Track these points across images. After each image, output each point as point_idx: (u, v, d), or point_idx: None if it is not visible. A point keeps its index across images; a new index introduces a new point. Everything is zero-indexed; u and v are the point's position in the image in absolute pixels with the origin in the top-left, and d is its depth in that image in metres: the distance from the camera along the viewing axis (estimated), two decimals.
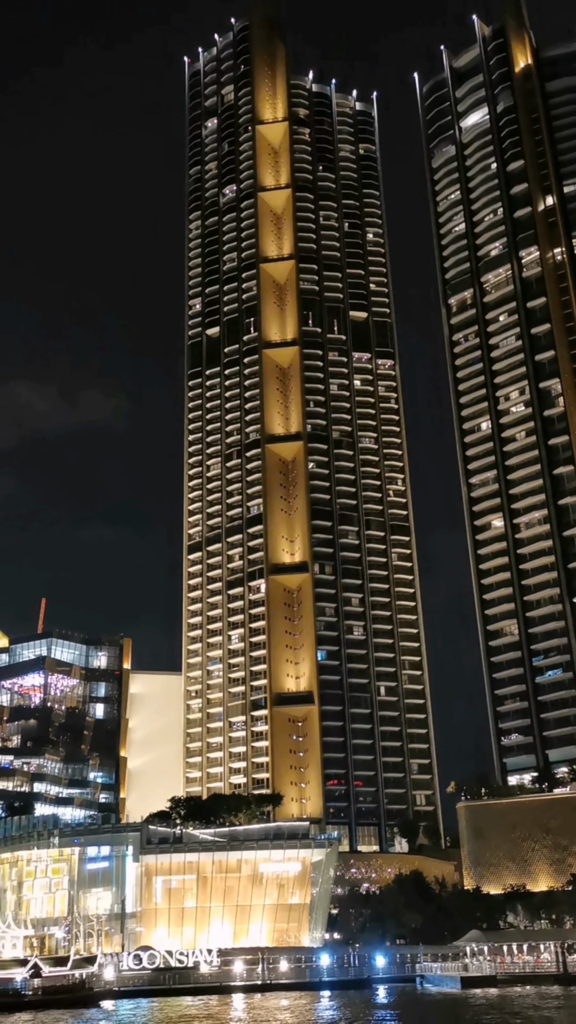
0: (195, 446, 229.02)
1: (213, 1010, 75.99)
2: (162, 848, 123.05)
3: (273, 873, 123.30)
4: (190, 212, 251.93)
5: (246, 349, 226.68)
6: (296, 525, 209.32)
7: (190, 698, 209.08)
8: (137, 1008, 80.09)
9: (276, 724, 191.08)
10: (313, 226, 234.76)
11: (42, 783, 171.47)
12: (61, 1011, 75.63)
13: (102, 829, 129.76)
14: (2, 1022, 71.09)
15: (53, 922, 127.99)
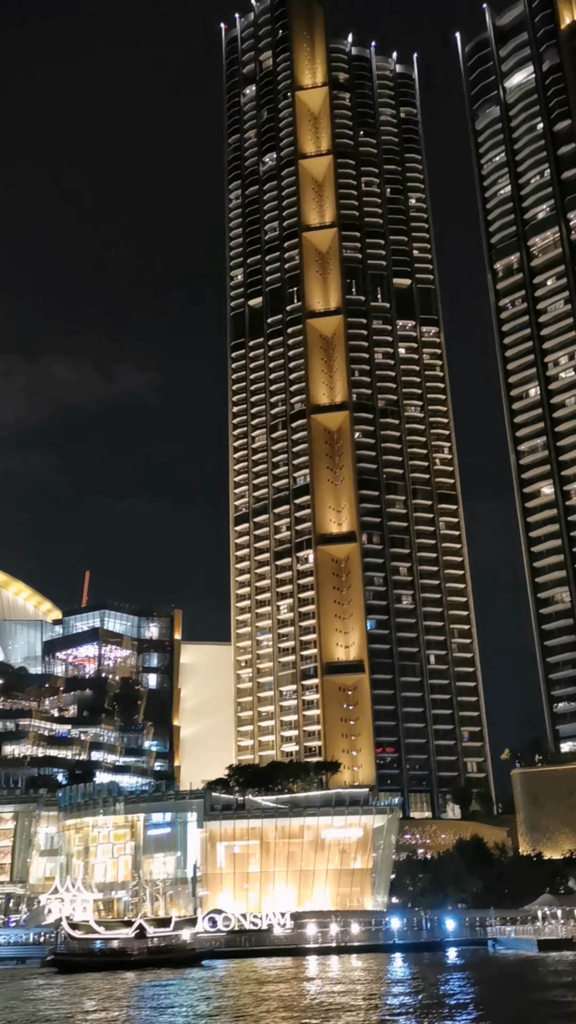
0: (240, 418, 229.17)
1: (303, 970, 77.70)
2: (225, 815, 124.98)
3: (335, 839, 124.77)
4: (230, 181, 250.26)
5: (289, 319, 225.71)
6: (343, 495, 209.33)
7: (240, 668, 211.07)
8: (238, 967, 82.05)
9: (327, 693, 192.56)
10: (355, 193, 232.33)
11: (99, 752, 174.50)
12: (167, 970, 77.79)
13: (166, 796, 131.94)
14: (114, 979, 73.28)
15: (118, 886, 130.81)
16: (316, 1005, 53.18)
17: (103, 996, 61.20)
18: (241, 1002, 55.62)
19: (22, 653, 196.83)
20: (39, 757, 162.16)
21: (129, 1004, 56.95)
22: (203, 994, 61.02)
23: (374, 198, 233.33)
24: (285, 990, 62.23)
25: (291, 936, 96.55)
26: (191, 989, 64.59)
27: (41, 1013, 54.33)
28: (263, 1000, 56.06)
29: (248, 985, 65.78)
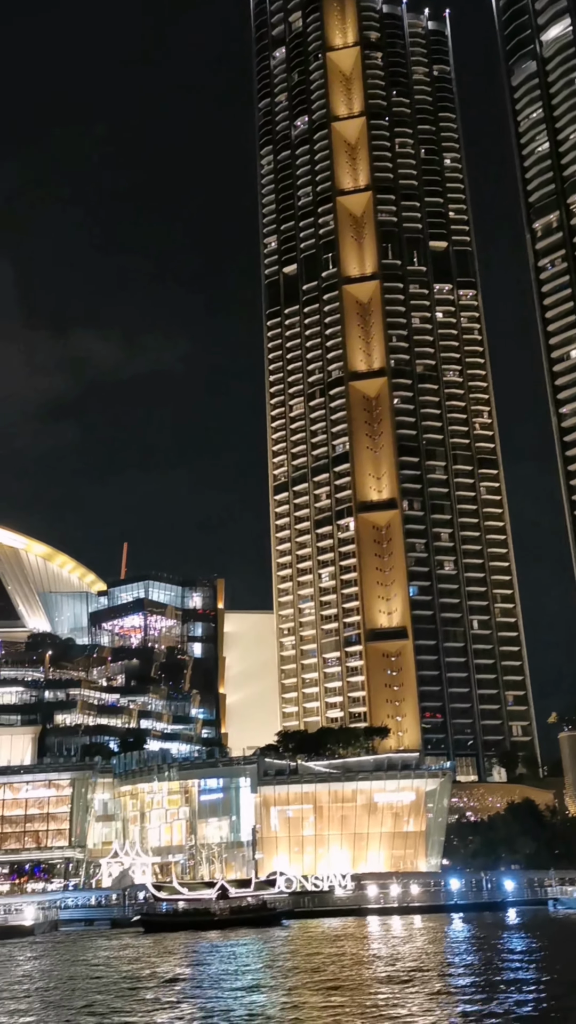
0: (276, 387, 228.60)
1: (374, 929, 79.18)
2: (279, 780, 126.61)
3: (387, 802, 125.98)
4: (261, 147, 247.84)
5: (325, 285, 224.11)
6: (382, 462, 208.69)
7: (283, 636, 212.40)
8: (313, 925, 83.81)
9: (371, 659, 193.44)
10: (389, 155, 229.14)
11: (148, 720, 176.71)
12: (249, 929, 79.71)
13: (220, 762, 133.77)
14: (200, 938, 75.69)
15: (173, 850, 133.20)
16: (400, 960, 54.27)
17: (223, 953, 63.00)
18: (343, 958, 57.11)
19: (68, 624, 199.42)
20: (91, 726, 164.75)
21: (243, 960, 58.54)
22: (305, 950, 62.62)
23: (408, 159, 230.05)
24: (368, 947, 63.72)
25: (352, 897, 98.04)
26: (289, 945, 66.36)
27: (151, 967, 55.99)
28: (358, 957, 57.46)
29: (337, 943, 67.36)
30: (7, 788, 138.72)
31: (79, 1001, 43.34)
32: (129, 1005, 41.83)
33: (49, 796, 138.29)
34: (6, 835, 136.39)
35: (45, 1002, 43.88)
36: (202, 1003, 41.20)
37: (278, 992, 43.61)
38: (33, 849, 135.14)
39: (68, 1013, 40.15)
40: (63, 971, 56.45)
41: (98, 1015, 39.21)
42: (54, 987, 49.13)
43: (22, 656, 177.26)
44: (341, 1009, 38.26)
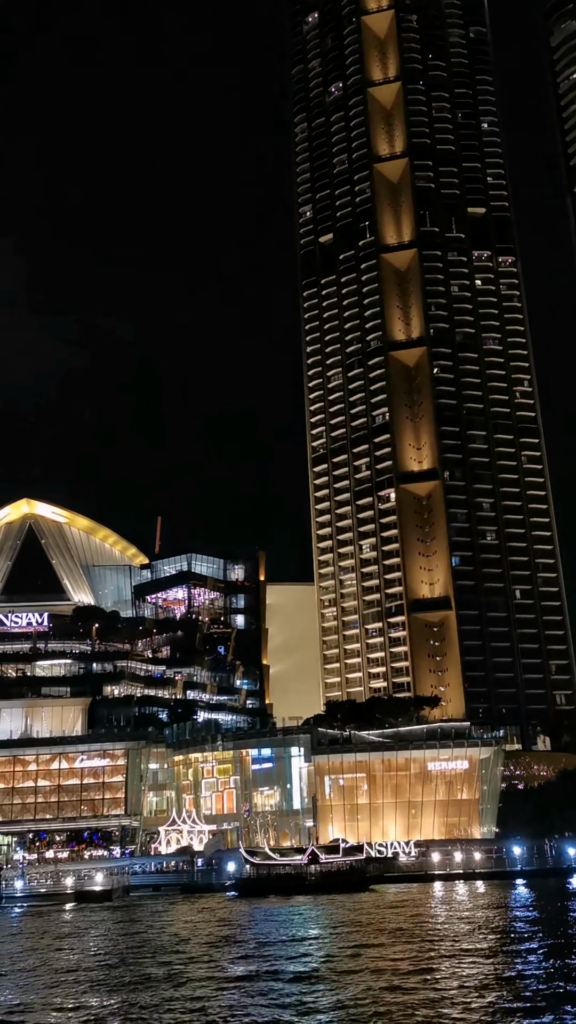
0: (314, 358, 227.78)
1: (451, 895, 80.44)
2: (333, 749, 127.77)
3: (440, 771, 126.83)
4: (295, 114, 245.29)
5: (362, 254, 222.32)
6: (423, 432, 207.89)
7: (324, 607, 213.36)
8: (403, 891, 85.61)
9: (413, 630, 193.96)
10: (426, 119, 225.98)
11: (193, 691, 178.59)
12: (339, 895, 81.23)
13: (274, 732, 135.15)
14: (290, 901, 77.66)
15: (227, 818, 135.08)
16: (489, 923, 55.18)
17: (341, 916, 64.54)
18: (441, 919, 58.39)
19: (112, 598, 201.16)
20: (140, 697, 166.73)
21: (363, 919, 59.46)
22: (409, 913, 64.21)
23: (445, 124, 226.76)
24: (445, 910, 64.80)
25: (417, 863, 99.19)
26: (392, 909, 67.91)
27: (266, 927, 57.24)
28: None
29: (422, 907, 68.84)
30: (63, 758, 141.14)
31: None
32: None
33: (104, 766, 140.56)
34: (63, 804, 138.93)
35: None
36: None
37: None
38: (90, 817, 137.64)
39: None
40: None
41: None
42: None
43: (69, 629, 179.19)
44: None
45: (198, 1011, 33.21)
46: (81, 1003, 36.11)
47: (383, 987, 36.10)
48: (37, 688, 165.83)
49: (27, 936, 62.68)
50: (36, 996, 38.30)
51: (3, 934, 64.31)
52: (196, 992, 36.91)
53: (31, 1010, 35.34)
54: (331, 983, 37.56)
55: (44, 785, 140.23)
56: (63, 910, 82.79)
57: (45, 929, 66.40)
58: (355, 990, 35.70)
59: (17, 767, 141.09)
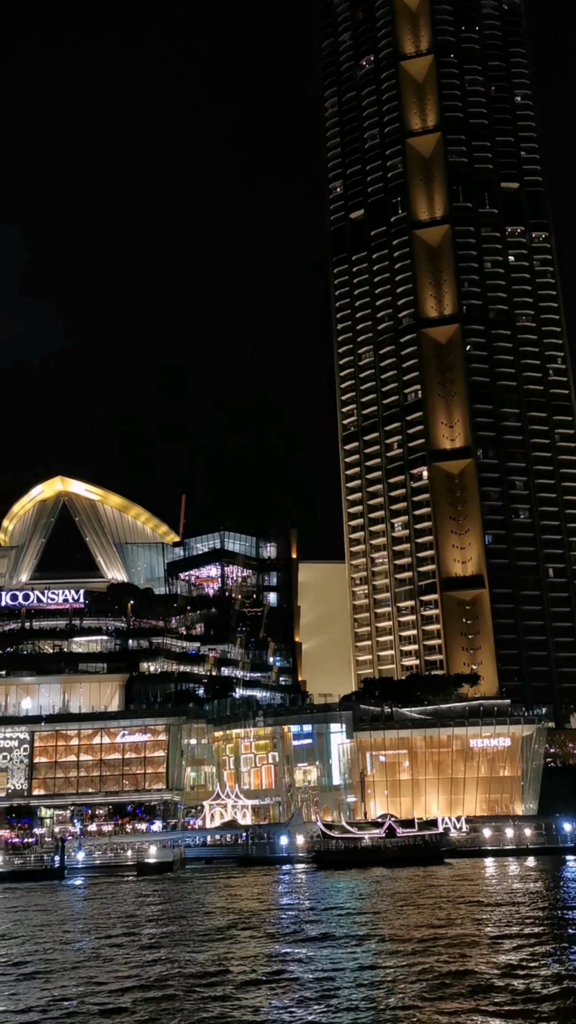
0: (345, 335, 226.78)
1: (514, 869, 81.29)
2: (374, 725, 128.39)
3: (482, 748, 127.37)
4: (325, 88, 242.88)
5: (394, 231, 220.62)
6: (455, 410, 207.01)
7: (355, 585, 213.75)
8: (472, 865, 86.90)
9: (446, 608, 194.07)
10: (458, 93, 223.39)
11: (228, 668, 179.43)
12: (414, 867, 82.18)
13: (314, 708, 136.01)
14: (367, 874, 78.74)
15: (263, 794, 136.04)
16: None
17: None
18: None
19: (144, 575, 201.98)
20: (176, 673, 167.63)
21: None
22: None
23: (478, 98, 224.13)
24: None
25: (468, 839, 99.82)
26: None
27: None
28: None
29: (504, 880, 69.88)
30: (104, 733, 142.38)
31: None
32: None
33: (145, 740, 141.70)
34: (105, 778, 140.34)
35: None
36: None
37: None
38: (132, 791, 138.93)
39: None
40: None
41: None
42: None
43: (104, 606, 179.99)
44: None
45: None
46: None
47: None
48: (74, 664, 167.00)
49: (134, 903, 64.12)
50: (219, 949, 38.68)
51: (111, 901, 65.76)
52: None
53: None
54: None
55: (86, 760, 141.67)
56: (127, 881, 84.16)
57: (143, 897, 67.65)
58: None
59: (60, 742, 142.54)
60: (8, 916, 58.92)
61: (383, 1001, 31.12)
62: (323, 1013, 29.89)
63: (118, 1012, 31.20)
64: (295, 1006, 31.11)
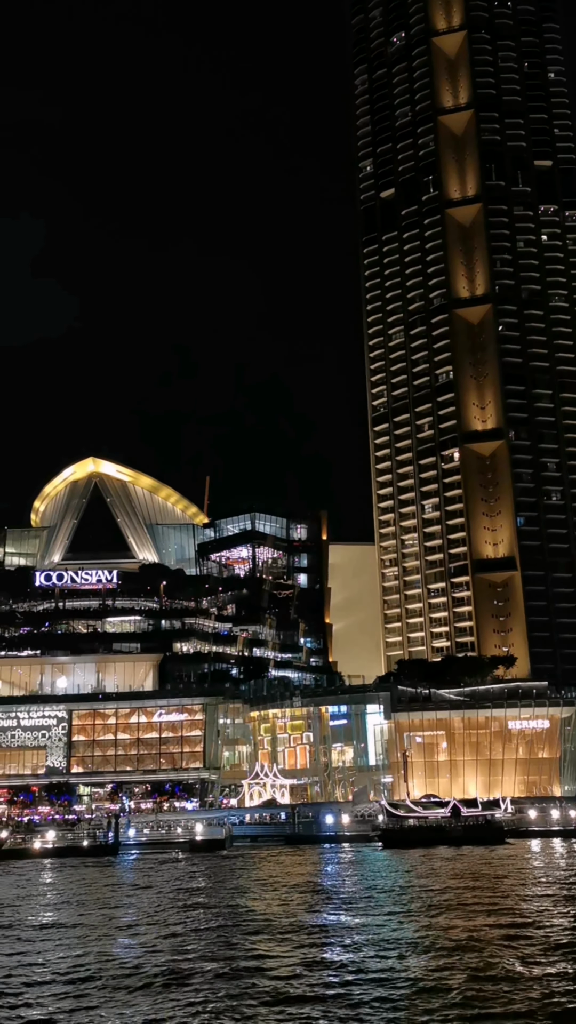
0: (375, 316, 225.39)
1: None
2: (412, 706, 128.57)
3: (520, 729, 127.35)
4: (355, 66, 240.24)
5: (425, 209, 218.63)
6: (487, 391, 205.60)
7: (384, 567, 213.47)
8: (531, 845, 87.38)
9: (477, 590, 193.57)
10: (491, 70, 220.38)
11: (259, 649, 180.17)
12: (476, 847, 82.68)
13: (352, 689, 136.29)
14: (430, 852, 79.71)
15: (308, 772, 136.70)
16: None
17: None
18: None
19: (175, 556, 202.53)
20: (210, 653, 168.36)
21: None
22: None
23: (511, 74, 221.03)
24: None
25: (514, 819, 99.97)
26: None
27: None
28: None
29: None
30: (141, 712, 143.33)
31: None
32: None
33: (182, 720, 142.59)
34: (142, 756, 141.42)
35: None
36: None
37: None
38: (169, 770, 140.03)
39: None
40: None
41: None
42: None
43: (137, 587, 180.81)
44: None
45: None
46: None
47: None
48: (108, 644, 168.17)
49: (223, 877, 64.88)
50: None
51: (195, 876, 66.40)
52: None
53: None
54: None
55: (124, 738, 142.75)
56: (185, 857, 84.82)
57: (218, 874, 68.34)
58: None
59: (97, 720, 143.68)
60: (117, 892, 59.62)
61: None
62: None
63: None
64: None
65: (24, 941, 40.91)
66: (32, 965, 35.63)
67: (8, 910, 51.28)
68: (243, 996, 29.10)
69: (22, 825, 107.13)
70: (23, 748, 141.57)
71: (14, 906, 52.80)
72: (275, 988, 30.15)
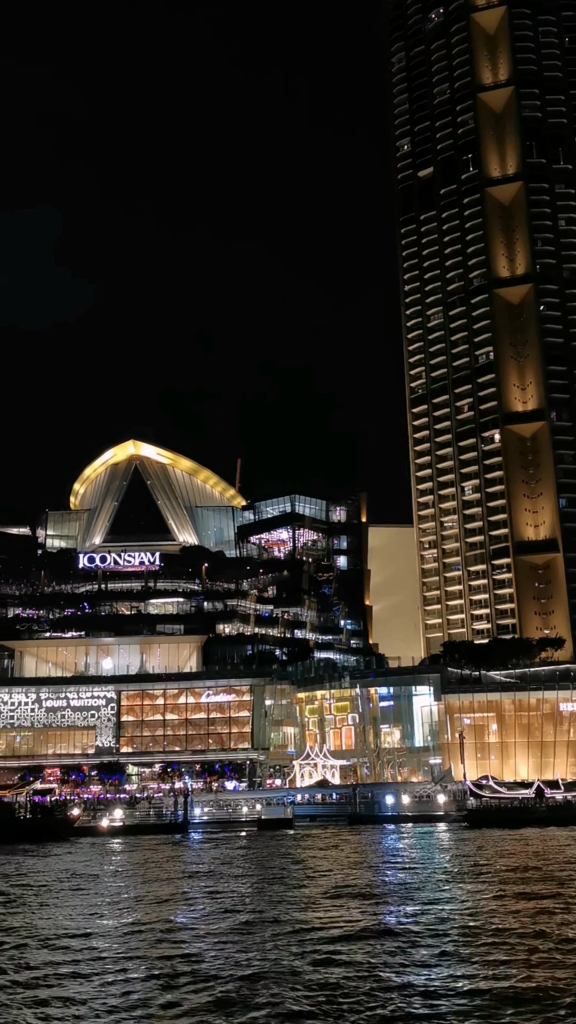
0: (413, 296, 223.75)
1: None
2: (463, 688, 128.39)
3: (571, 711, 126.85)
4: (392, 43, 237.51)
5: (465, 189, 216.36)
6: (528, 372, 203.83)
7: (423, 549, 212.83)
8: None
9: (519, 572, 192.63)
10: (532, 45, 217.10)
11: (300, 630, 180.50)
12: (563, 827, 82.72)
13: (403, 670, 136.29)
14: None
15: (351, 754, 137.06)
16: None
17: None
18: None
19: (214, 539, 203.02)
20: (253, 635, 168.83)
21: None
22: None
23: (552, 50, 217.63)
24: None
25: (570, 803, 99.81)
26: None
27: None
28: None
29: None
30: (189, 693, 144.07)
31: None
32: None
33: (230, 701, 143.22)
34: (191, 737, 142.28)
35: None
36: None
37: None
38: (218, 750, 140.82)
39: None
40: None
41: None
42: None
43: (179, 569, 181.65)
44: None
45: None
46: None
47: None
48: (152, 625, 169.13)
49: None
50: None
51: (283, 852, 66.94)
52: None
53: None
54: None
55: (172, 719, 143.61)
56: (248, 836, 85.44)
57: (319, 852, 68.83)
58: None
59: (146, 701, 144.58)
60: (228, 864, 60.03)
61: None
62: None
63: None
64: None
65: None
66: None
67: (170, 883, 50.98)
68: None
69: (91, 803, 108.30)
70: (73, 728, 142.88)
71: (172, 879, 52.80)
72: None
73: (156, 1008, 24.29)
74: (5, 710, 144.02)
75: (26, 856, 68.72)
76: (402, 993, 25.25)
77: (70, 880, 52.63)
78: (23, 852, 71.68)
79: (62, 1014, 24.03)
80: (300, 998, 24.77)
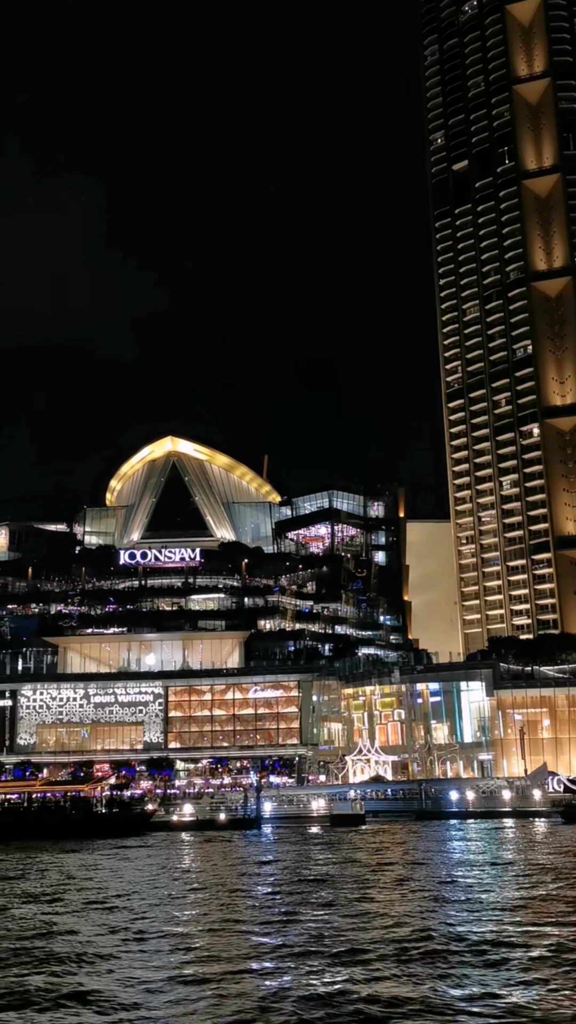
0: (448, 290, 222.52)
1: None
2: (515, 684, 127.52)
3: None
4: (425, 36, 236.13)
5: (501, 182, 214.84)
6: (566, 365, 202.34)
7: (461, 544, 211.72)
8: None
9: (560, 567, 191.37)
10: (568, 36, 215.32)
11: (340, 626, 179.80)
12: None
13: (453, 666, 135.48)
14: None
15: (401, 749, 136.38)
16: None
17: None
18: None
19: (251, 535, 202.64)
20: (296, 631, 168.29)
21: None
22: None
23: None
24: None
25: None
26: None
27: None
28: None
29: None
30: (236, 689, 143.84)
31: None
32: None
33: (277, 696, 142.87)
34: (239, 732, 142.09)
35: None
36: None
37: None
38: (266, 746, 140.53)
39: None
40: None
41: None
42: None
43: (219, 564, 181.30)
44: None
45: None
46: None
47: None
48: (193, 621, 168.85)
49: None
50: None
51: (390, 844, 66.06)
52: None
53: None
54: None
55: (219, 714, 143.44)
56: (323, 831, 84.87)
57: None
58: None
59: (193, 696, 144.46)
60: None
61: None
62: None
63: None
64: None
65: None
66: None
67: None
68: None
69: (164, 798, 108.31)
70: (121, 724, 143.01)
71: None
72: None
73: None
74: (54, 706, 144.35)
75: (124, 849, 67.78)
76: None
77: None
78: (111, 847, 70.84)
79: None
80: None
